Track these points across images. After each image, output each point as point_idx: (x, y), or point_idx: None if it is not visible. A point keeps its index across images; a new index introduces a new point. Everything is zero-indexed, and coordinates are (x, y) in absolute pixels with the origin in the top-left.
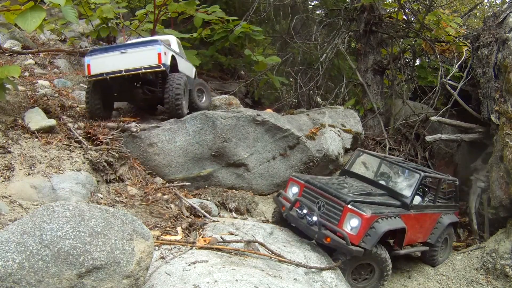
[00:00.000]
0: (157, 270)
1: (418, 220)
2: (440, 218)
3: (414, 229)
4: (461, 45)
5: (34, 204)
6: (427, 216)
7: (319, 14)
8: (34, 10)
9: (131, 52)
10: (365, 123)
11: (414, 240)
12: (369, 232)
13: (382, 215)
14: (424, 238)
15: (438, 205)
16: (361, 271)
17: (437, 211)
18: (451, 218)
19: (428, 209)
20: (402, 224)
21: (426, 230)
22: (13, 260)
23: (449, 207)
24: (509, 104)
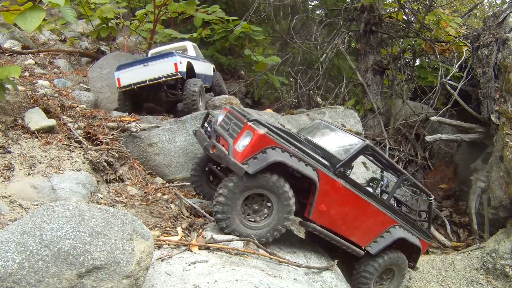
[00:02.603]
0: (157, 270)
1: (349, 199)
2: (393, 227)
3: (338, 207)
4: (461, 45)
5: (34, 204)
6: (368, 206)
7: (319, 14)
8: (34, 10)
9: (152, 64)
10: (365, 123)
11: (336, 223)
12: (258, 155)
13: (284, 146)
14: (361, 238)
15: (394, 210)
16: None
17: (390, 214)
18: (409, 237)
19: (374, 201)
20: (312, 174)
21: (366, 228)
22: (13, 260)
23: (414, 227)
24: (509, 104)
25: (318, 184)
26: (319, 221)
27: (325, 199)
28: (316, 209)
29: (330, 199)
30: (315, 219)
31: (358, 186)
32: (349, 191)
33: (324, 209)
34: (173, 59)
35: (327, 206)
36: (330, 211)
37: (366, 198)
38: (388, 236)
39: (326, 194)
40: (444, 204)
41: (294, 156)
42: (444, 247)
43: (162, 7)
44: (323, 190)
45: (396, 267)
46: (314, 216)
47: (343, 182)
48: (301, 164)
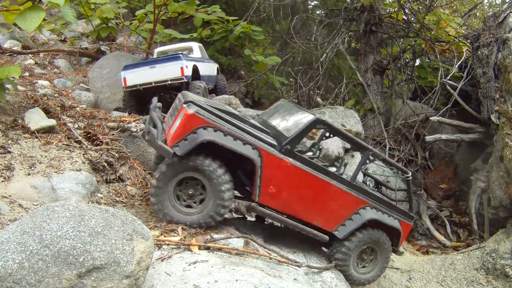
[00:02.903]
0: (157, 270)
1: (302, 179)
2: (362, 208)
3: (290, 188)
4: (461, 45)
5: (34, 204)
6: (329, 186)
7: (319, 14)
8: (34, 10)
9: (159, 67)
10: (365, 123)
11: (292, 207)
12: (189, 136)
13: (217, 125)
14: (326, 222)
15: (363, 190)
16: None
17: (358, 195)
18: (383, 218)
19: (336, 181)
20: (250, 153)
21: (330, 211)
22: (13, 260)
23: (392, 208)
24: (509, 104)
25: (262, 164)
26: (270, 204)
27: (272, 180)
28: (264, 191)
29: (279, 180)
30: (265, 202)
31: (313, 165)
32: (301, 171)
33: (274, 191)
34: (180, 63)
35: (277, 187)
36: (281, 193)
37: (325, 177)
38: (357, 218)
39: (273, 175)
40: (444, 204)
41: (230, 135)
42: (444, 247)
43: (162, 7)
44: (269, 170)
45: (377, 246)
46: (262, 199)
47: (292, 161)
48: (237, 143)
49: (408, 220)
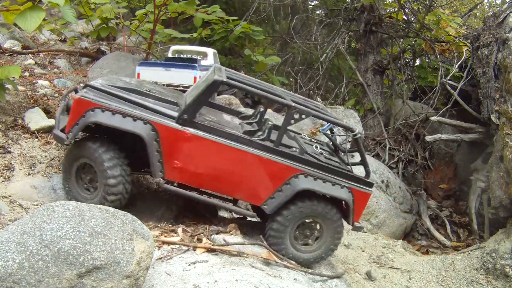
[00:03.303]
0: (157, 270)
1: (210, 149)
2: (294, 177)
3: (198, 160)
4: (461, 45)
5: (34, 204)
6: (245, 155)
7: (319, 14)
8: (34, 10)
9: (173, 71)
10: (365, 123)
11: (205, 181)
12: (80, 120)
13: (105, 105)
14: (251, 196)
15: (295, 156)
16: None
17: (287, 162)
18: (320, 187)
19: (254, 148)
20: (139, 129)
21: (254, 183)
22: (13, 260)
23: (339, 174)
24: (509, 104)
25: (159, 138)
26: (179, 180)
27: (176, 154)
28: (168, 167)
29: (182, 153)
30: (173, 178)
31: (220, 132)
32: (207, 140)
33: (180, 165)
34: (194, 73)
35: (182, 161)
36: (189, 167)
37: (238, 145)
38: (287, 189)
39: (174, 148)
40: (444, 204)
41: (119, 113)
42: (444, 247)
43: (162, 7)
44: (169, 144)
45: (322, 219)
46: (169, 175)
47: (193, 131)
48: (126, 120)
49: (363, 187)
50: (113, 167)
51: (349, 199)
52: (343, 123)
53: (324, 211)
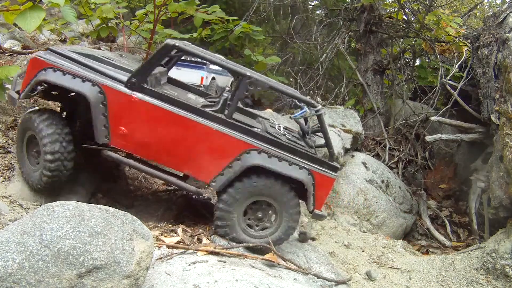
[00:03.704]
0: (157, 270)
1: (157, 117)
2: (246, 152)
3: (145, 128)
4: (461, 45)
5: (34, 204)
6: (195, 126)
7: (319, 14)
8: (34, 10)
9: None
10: (365, 123)
11: (151, 151)
12: (32, 80)
13: (58, 66)
14: (200, 171)
15: (249, 130)
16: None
17: (240, 136)
18: (274, 165)
19: (205, 119)
20: (86, 90)
21: (203, 157)
22: (13, 260)
23: (299, 154)
24: (509, 104)
25: (106, 101)
26: (124, 148)
27: (122, 120)
28: (114, 133)
29: (128, 118)
30: (118, 145)
31: (170, 99)
32: (154, 107)
33: (126, 132)
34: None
35: (128, 128)
36: (134, 135)
37: (187, 115)
38: (237, 165)
39: (121, 113)
40: (444, 204)
41: (69, 73)
42: (444, 247)
43: (162, 7)
44: (116, 108)
45: (275, 200)
46: (114, 142)
47: (140, 96)
48: (75, 81)
49: (326, 171)
50: (53, 142)
51: (308, 181)
52: (304, 98)
53: (279, 193)
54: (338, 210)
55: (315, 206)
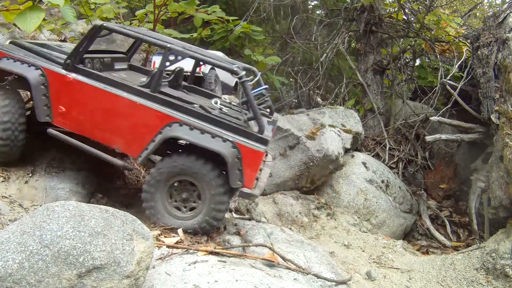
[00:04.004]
0: (157, 270)
1: (89, 94)
2: (168, 125)
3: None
4: (461, 45)
5: (34, 204)
6: (121, 100)
7: (319, 14)
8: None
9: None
10: (365, 123)
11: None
12: None
13: (9, 54)
14: (128, 146)
15: (171, 103)
16: None
17: (162, 109)
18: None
19: (129, 93)
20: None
21: (129, 131)
22: (13, 260)
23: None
24: (509, 104)
25: (48, 82)
26: (64, 126)
27: (61, 99)
28: (55, 112)
29: (66, 98)
30: (59, 123)
31: (98, 76)
32: (86, 85)
33: (64, 110)
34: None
35: (66, 106)
36: (71, 113)
37: (113, 90)
38: (158, 138)
39: (60, 93)
40: (444, 204)
41: (18, 60)
42: (444, 247)
43: (162, 7)
44: (56, 89)
45: (197, 180)
46: (56, 121)
47: (74, 75)
48: (23, 66)
49: (253, 144)
50: (5, 113)
51: (231, 154)
52: (225, 65)
53: (200, 171)
54: (338, 210)
55: (244, 183)
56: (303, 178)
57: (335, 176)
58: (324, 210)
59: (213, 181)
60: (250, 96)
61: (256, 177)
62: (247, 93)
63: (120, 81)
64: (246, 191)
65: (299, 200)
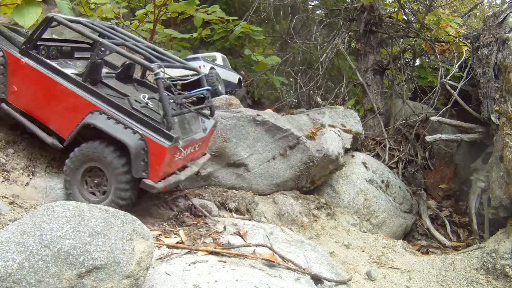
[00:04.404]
0: (157, 270)
1: (34, 78)
2: (90, 113)
3: (27, 88)
4: (461, 45)
5: (34, 204)
6: (57, 86)
7: (319, 14)
8: (30, 5)
9: None
10: (365, 123)
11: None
12: None
13: None
14: (60, 127)
15: (95, 92)
16: None
17: (88, 97)
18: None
19: (65, 79)
20: None
21: (62, 114)
22: (13, 260)
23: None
24: (509, 104)
25: (6, 64)
26: (16, 103)
27: (14, 80)
28: (9, 90)
29: (18, 79)
30: (12, 101)
31: (43, 62)
32: (34, 69)
33: (16, 90)
34: (198, 63)
35: (18, 86)
36: (21, 93)
37: (53, 75)
38: (81, 124)
39: (14, 74)
40: (444, 204)
41: None
42: (444, 247)
43: (162, 7)
44: (12, 70)
45: (104, 166)
46: (10, 98)
47: (26, 60)
48: None
49: (160, 138)
50: None
51: (136, 146)
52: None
53: (106, 157)
54: (338, 210)
55: (149, 175)
56: (303, 178)
57: (335, 176)
58: (324, 210)
59: (119, 168)
60: (163, 94)
61: (170, 172)
62: (160, 90)
63: (59, 69)
64: (147, 182)
65: (299, 200)
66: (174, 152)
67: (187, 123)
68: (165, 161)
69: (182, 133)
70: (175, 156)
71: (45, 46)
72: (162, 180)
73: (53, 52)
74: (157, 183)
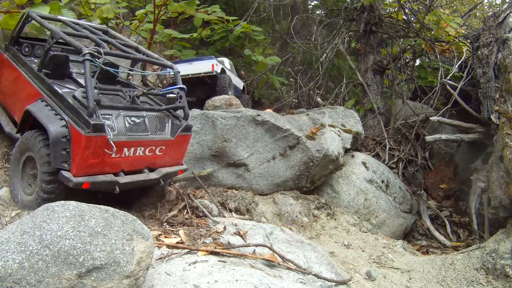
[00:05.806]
0: (157, 270)
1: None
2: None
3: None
4: (461, 45)
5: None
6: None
7: (319, 14)
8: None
9: (195, 63)
10: (365, 123)
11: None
12: None
13: None
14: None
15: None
16: None
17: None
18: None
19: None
20: None
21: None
22: (13, 260)
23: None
24: (509, 104)
25: None
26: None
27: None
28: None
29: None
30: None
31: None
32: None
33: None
34: (211, 61)
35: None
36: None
37: (19, 67)
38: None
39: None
40: (444, 204)
41: None
42: (444, 247)
43: (162, 7)
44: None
45: (34, 153)
46: None
47: (8, 54)
48: None
49: (80, 125)
50: None
51: (57, 132)
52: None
53: (36, 146)
54: (338, 210)
55: (71, 168)
56: (303, 178)
57: (335, 176)
58: (324, 210)
59: (43, 157)
60: (87, 80)
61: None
62: (85, 73)
63: (25, 61)
64: (63, 174)
65: (299, 200)
66: (100, 144)
67: (147, 122)
68: (84, 151)
69: (130, 129)
70: (104, 150)
71: (29, 44)
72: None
73: (38, 50)
74: (77, 177)
